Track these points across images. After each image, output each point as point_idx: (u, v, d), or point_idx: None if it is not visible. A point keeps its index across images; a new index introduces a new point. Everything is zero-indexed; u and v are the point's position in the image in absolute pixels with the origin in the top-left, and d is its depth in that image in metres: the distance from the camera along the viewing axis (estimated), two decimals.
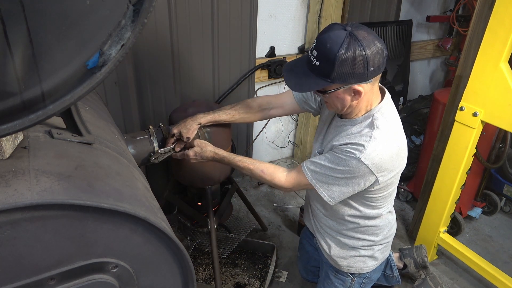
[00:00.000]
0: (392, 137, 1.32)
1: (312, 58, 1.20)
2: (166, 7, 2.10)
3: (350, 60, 1.14)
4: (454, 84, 2.01)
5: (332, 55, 1.14)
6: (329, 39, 1.16)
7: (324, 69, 1.18)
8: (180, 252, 0.89)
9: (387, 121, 1.32)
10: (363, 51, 1.14)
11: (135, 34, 0.67)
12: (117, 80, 2.10)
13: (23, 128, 0.65)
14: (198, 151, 1.57)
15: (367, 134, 1.29)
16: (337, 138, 1.38)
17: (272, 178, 1.47)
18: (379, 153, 1.27)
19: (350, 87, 1.22)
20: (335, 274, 1.69)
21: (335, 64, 1.15)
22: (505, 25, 1.62)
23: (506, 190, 2.76)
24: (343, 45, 1.13)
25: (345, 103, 1.29)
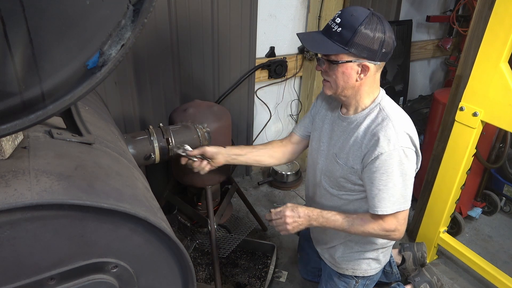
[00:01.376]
0: (404, 114, 1.39)
1: (333, 25, 1.26)
2: (166, 7, 2.10)
3: (370, 34, 1.23)
4: (454, 84, 2.01)
5: (356, 24, 1.22)
6: (355, 11, 1.25)
7: (344, 36, 1.24)
8: (180, 252, 0.89)
9: (392, 104, 1.39)
10: (383, 31, 1.25)
11: (135, 34, 0.67)
12: (117, 80, 2.10)
13: (23, 128, 0.65)
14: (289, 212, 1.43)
15: (387, 123, 1.31)
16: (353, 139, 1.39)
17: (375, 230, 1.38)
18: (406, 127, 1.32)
19: (360, 62, 1.28)
20: (338, 277, 1.70)
21: (357, 32, 1.22)
22: (505, 25, 1.62)
23: (506, 190, 2.77)
24: (367, 19, 1.23)
25: (349, 81, 1.32)
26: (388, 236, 1.40)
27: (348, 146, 1.41)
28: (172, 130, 1.65)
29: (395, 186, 1.31)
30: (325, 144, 1.55)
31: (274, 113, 2.98)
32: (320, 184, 1.59)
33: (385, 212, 1.33)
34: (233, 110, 2.63)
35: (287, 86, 2.92)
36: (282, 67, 2.74)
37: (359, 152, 1.37)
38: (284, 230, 1.44)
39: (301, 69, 2.88)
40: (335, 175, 1.49)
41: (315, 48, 1.33)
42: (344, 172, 1.44)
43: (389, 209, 1.33)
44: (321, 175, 1.57)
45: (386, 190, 1.31)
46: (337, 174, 1.47)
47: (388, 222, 1.36)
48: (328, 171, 1.52)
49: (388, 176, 1.30)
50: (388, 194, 1.31)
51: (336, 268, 1.68)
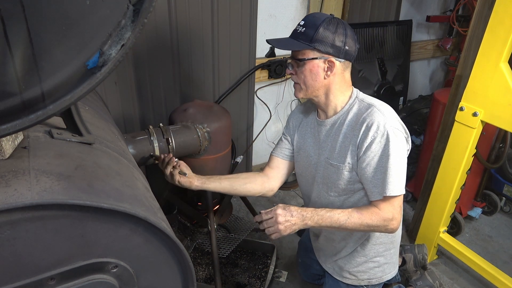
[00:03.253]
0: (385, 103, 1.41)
1: (298, 28, 1.36)
2: (166, 7, 2.10)
3: (332, 30, 1.31)
4: (454, 84, 2.01)
5: (317, 22, 1.31)
6: (317, 14, 1.37)
7: (307, 34, 1.32)
8: (180, 252, 0.89)
9: (370, 98, 1.43)
10: (344, 29, 1.33)
11: (135, 34, 0.67)
12: (117, 80, 2.10)
13: (23, 128, 0.65)
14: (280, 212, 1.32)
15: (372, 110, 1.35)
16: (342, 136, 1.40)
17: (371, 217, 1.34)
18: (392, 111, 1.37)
19: (326, 58, 1.33)
20: (347, 286, 1.67)
21: (318, 29, 1.30)
22: (505, 25, 1.62)
23: (506, 190, 2.77)
24: (327, 19, 1.32)
25: (317, 79, 1.37)
26: (386, 226, 1.34)
27: (338, 145, 1.41)
28: (172, 130, 1.65)
29: (395, 167, 1.30)
30: (314, 157, 1.53)
31: (274, 113, 2.98)
32: (320, 196, 1.55)
33: (390, 193, 1.29)
34: (233, 110, 2.63)
35: (287, 86, 2.92)
36: (282, 67, 2.74)
37: (353, 144, 1.36)
38: (276, 231, 1.30)
39: None
40: (332, 179, 1.47)
41: (283, 47, 1.40)
42: (339, 173, 1.42)
43: (391, 191, 1.30)
44: (321, 186, 1.54)
45: (388, 171, 1.29)
46: (334, 177, 1.46)
47: (385, 210, 1.33)
48: (325, 178, 1.50)
49: (394, 156, 1.29)
50: (389, 175, 1.29)
51: (348, 280, 1.65)
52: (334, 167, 1.43)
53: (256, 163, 3.18)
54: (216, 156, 1.79)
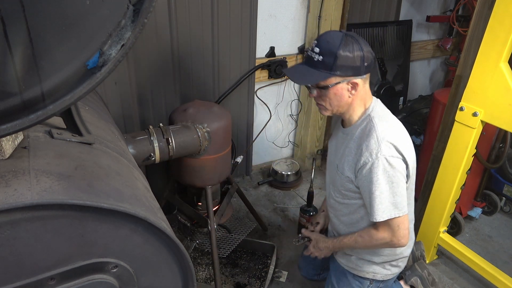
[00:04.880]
0: (392, 124, 1.44)
1: (313, 55, 1.34)
2: (166, 7, 2.10)
3: (350, 54, 1.30)
4: (454, 84, 2.00)
5: (334, 49, 1.29)
6: (329, 37, 1.33)
7: (326, 63, 1.31)
8: (180, 252, 0.89)
9: (383, 114, 1.45)
10: (360, 48, 1.31)
11: (135, 34, 0.67)
12: (117, 80, 2.10)
13: (23, 128, 0.65)
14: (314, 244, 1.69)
15: (371, 133, 1.38)
16: (348, 149, 1.47)
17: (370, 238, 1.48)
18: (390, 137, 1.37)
19: (348, 80, 1.35)
20: (353, 276, 1.70)
21: (337, 56, 1.29)
22: (505, 25, 1.62)
23: (506, 190, 2.77)
24: (343, 41, 1.30)
25: (342, 100, 1.40)
26: (390, 245, 1.46)
27: (344, 157, 1.49)
28: (172, 130, 1.65)
29: (382, 194, 1.36)
30: (332, 156, 1.65)
31: (274, 113, 2.98)
32: (330, 194, 1.68)
33: (377, 219, 1.38)
34: (233, 110, 2.63)
35: (287, 86, 2.92)
36: (282, 67, 2.74)
37: (352, 162, 1.44)
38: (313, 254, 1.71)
39: None
40: (336, 184, 1.57)
41: (303, 81, 1.40)
42: (342, 181, 1.52)
43: (379, 217, 1.38)
44: (331, 185, 1.66)
45: (374, 198, 1.37)
46: (338, 183, 1.56)
47: (381, 231, 1.43)
48: (333, 181, 1.62)
49: (373, 185, 1.36)
50: (376, 202, 1.37)
51: (354, 270, 1.70)
52: (338, 175, 1.53)
53: (256, 163, 3.18)
54: (216, 156, 1.79)
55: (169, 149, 1.62)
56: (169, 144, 1.62)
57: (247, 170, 3.09)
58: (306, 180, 3.08)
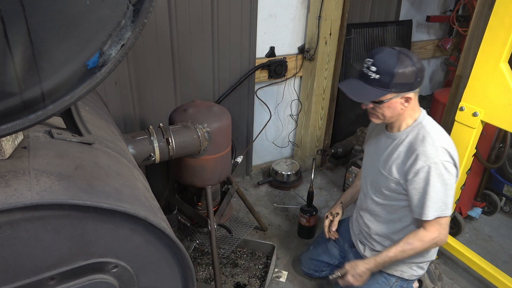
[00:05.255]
0: (442, 131, 1.54)
1: (370, 73, 1.42)
2: (166, 7, 2.10)
3: (405, 72, 1.39)
4: (454, 84, 2.01)
5: (391, 69, 1.38)
6: (385, 56, 1.41)
7: (384, 81, 1.40)
8: (180, 252, 0.89)
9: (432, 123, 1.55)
10: (413, 64, 1.40)
11: (135, 34, 0.67)
12: (117, 80, 2.10)
13: (23, 128, 0.65)
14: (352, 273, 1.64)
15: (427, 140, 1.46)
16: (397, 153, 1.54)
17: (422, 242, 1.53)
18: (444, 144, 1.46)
19: (402, 95, 1.44)
20: (380, 272, 1.74)
21: (394, 75, 1.38)
22: (505, 25, 1.62)
23: (506, 190, 2.76)
24: (398, 60, 1.39)
25: (395, 112, 1.49)
26: (436, 243, 1.54)
27: (391, 160, 1.57)
28: (172, 130, 1.65)
29: (437, 194, 1.45)
30: (373, 157, 1.71)
31: (274, 113, 2.98)
32: (367, 194, 1.74)
33: (429, 217, 1.47)
34: (233, 110, 2.63)
35: (287, 86, 2.92)
36: (282, 67, 2.74)
37: (402, 166, 1.52)
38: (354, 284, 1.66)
39: (301, 69, 2.88)
40: (379, 185, 1.64)
41: (360, 98, 1.46)
42: (387, 183, 1.59)
43: (431, 215, 1.46)
44: (369, 186, 1.72)
45: (428, 198, 1.45)
46: (381, 184, 1.63)
47: (431, 230, 1.50)
48: (374, 182, 1.68)
49: (429, 186, 1.44)
50: (430, 201, 1.45)
51: (383, 268, 1.73)
52: (383, 176, 1.60)
53: (256, 163, 3.18)
54: (216, 156, 1.79)
55: (169, 149, 1.62)
56: (169, 144, 1.62)
57: (247, 170, 3.09)
58: (306, 180, 3.08)
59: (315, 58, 2.74)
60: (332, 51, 2.78)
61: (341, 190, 2.98)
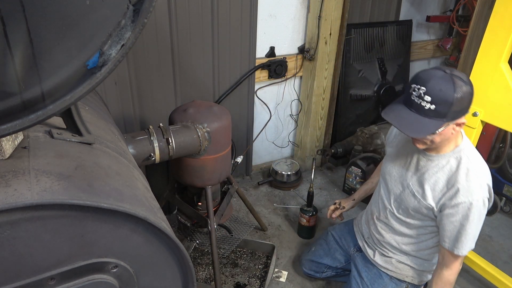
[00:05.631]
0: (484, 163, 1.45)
1: (424, 104, 1.27)
2: (166, 7, 2.10)
3: (463, 98, 1.27)
4: None
5: (450, 98, 1.25)
6: (440, 84, 1.26)
7: (440, 111, 1.27)
8: (180, 252, 0.89)
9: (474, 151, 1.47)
10: (469, 88, 1.29)
11: (135, 34, 0.67)
12: (117, 80, 2.10)
13: (23, 128, 0.65)
14: None
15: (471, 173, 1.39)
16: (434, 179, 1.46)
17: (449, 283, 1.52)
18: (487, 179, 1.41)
19: (456, 121, 1.32)
20: (390, 278, 1.74)
21: (453, 104, 1.25)
22: (505, 25, 1.62)
23: (506, 190, 2.76)
24: (455, 87, 1.25)
25: (445, 138, 1.37)
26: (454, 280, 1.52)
27: (428, 184, 1.48)
28: (172, 130, 1.65)
29: (472, 231, 1.41)
30: (401, 171, 1.61)
31: (274, 113, 2.98)
32: (388, 208, 1.67)
33: (463, 253, 1.43)
34: (233, 110, 2.63)
35: (287, 86, 2.92)
36: (282, 67, 2.74)
37: (440, 195, 1.44)
38: None
39: (301, 69, 2.88)
40: (407, 205, 1.57)
41: (416, 133, 1.32)
42: (419, 206, 1.52)
43: (464, 251, 1.43)
44: (393, 201, 1.64)
45: (465, 234, 1.40)
46: (409, 205, 1.55)
47: (454, 265, 1.48)
48: (400, 199, 1.60)
49: (468, 222, 1.39)
50: (465, 238, 1.41)
51: (393, 273, 1.73)
52: (415, 198, 1.52)
53: (256, 163, 3.18)
54: (216, 156, 1.79)
55: (169, 149, 1.62)
56: (169, 144, 1.62)
57: (247, 170, 3.09)
58: (306, 180, 3.08)
59: (315, 58, 2.74)
60: (332, 51, 2.78)
61: (341, 190, 2.98)
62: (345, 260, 1.99)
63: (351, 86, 3.18)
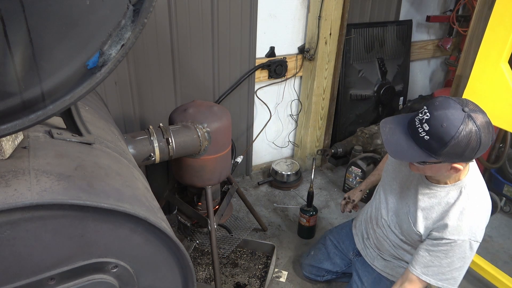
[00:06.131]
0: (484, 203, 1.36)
1: (420, 131, 1.17)
2: (166, 7, 2.10)
3: (464, 145, 1.12)
4: (454, 84, 2.01)
5: (447, 137, 1.11)
6: (446, 119, 1.12)
7: (432, 146, 1.15)
8: (180, 252, 0.89)
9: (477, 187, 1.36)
10: (479, 138, 1.11)
11: (135, 34, 0.67)
12: (117, 80, 2.10)
13: (23, 128, 0.65)
14: None
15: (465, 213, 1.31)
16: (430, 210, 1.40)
17: None
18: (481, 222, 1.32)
19: (451, 164, 1.21)
20: (391, 282, 1.72)
21: (448, 145, 1.12)
22: (505, 25, 1.62)
23: (506, 190, 2.76)
24: (460, 129, 1.10)
25: (436, 174, 1.30)
26: None
27: (420, 212, 1.43)
28: (172, 130, 1.65)
29: (449, 267, 1.34)
30: (402, 188, 1.54)
31: (274, 113, 2.98)
32: (386, 220, 1.63)
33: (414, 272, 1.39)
34: (233, 110, 2.63)
35: (287, 86, 2.92)
36: (282, 67, 2.74)
37: (430, 225, 1.40)
38: None
39: (301, 69, 2.88)
40: (401, 224, 1.53)
41: (398, 156, 1.24)
42: (409, 229, 1.48)
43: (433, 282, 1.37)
44: (392, 214, 1.60)
45: (439, 266, 1.35)
46: (403, 225, 1.52)
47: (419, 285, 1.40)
48: (398, 217, 1.56)
49: (447, 258, 1.34)
50: (439, 270, 1.35)
51: (393, 277, 1.72)
52: (408, 221, 1.48)
53: (256, 163, 3.18)
54: (216, 156, 1.79)
55: (169, 149, 1.62)
56: (169, 144, 1.62)
57: (247, 170, 3.09)
58: (306, 180, 3.08)
59: (315, 58, 2.74)
60: (332, 51, 2.78)
61: (341, 190, 2.98)
62: (345, 264, 1.98)
63: (351, 86, 3.18)
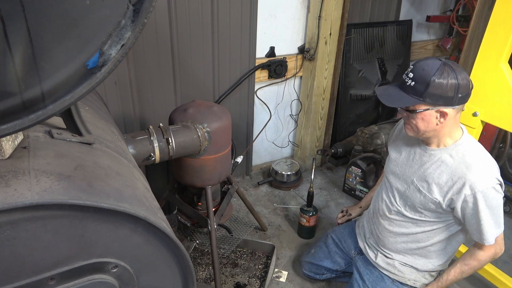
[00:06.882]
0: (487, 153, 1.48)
1: (407, 80, 1.37)
2: (166, 7, 2.10)
3: (444, 82, 1.31)
4: None
5: (428, 77, 1.31)
6: (426, 64, 1.34)
7: (417, 89, 1.34)
8: (180, 252, 0.89)
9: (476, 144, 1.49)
10: (455, 77, 1.31)
11: (135, 34, 0.67)
12: (117, 80, 2.10)
13: (23, 128, 0.65)
14: None
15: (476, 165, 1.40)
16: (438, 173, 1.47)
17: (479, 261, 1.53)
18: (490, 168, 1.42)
19: (438, 109, 1.36)
20: (392, 281, 1.74)
21: (429, 85, 1.31)
22: (505, 25, 1.62)
23: (506, 190, 2.76)
24: (439, 71, 1.31)
25: (429, 126, 1.41)
26: (493, 259, 1.53)
27: (431, 179, 1.49)
28: (172, 130, 1.65)
29: (489, 220, 1.41)
30: (403, 167, 1.62)
31: (274, 113, 2.98)
32: (394, 205, 1.66)
33: (490, 242, 1.44)
34: (233, 110, 2.63)
35: (287, 86, 2.92)
36: (282, 67, 2.74)
37: (446, 189, 1.45)
38: None
39: (301, 69, 2.88)
40: (413, 201, 1.57)
41: (391, 103, 1.41)
42: (425, 201, 1.52)
43: (491, 240, 1.44)
44: (398, 198, 1.64)
45: (484, 225, 1.41)
46: (415, 201, 1.56)
47: (488, 249, 1.48)
48: (406, 196, 1.60)
49: (480, 214, 1.40)
50: (486, 228, 1.42)
51: (395, 276, 1.73)
52: (421, 194, 1.53)
53: (256, 163, 3.18)
54: (216, 156, 1.79)
55: (169, 149, 1.62)
56: (169, 144, 1.62)
57: (247, 170, 3.09)
58: (306, 180, 3.08)
59: (315, 58, 2.74)
60: (332, 51, 2.78)
61: (341, 190, 2.99)
62: (345, 263, 1.98)
63: (351, 86, 3.18)
